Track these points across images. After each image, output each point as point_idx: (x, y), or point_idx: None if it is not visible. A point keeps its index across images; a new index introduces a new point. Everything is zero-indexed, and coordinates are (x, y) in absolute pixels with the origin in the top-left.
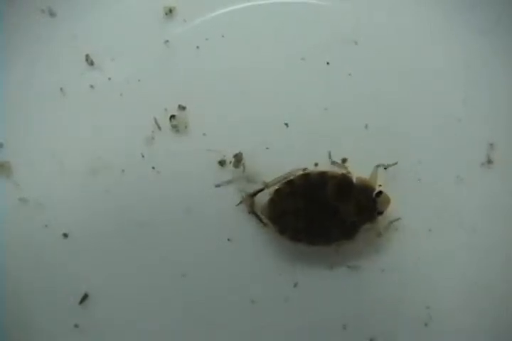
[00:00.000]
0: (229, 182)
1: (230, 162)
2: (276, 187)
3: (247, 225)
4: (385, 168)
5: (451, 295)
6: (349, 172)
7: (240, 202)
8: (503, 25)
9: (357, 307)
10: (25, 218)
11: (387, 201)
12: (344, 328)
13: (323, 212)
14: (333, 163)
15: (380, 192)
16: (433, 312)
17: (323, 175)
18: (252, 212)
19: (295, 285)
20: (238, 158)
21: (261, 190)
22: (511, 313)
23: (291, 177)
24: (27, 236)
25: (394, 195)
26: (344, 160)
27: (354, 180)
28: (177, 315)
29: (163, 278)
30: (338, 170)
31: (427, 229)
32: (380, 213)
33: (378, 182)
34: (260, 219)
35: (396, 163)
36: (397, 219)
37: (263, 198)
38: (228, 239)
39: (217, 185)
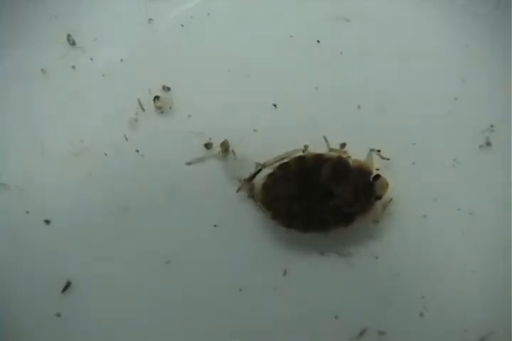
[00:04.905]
0: (200, 160)
1: (216, 145)
2: (270, 171)
3: (233, 211)
4: (382, 158)
5: (447, 284)
6: (349, 157)
7: (239, 189)
8: (501, 8)
9: (349, 296)
10: (5, 204)
11: (386, 185)
12: (336, 318)
13: (318, 197)
14: (332, 150)
15: (378, 176)
16: (428, 302)
17: (318, 157)
18: (252, 196)
19: (284, 273)
20: (225, 146)
21: (258, 172)
22: (509, 302)
23: (286, 160)
24: (8, 222)
25: (387, 178)
26: (343, 145)
27: (351, 162)
28: (162, 303)
29: (146, 266)
30: (334, 153)
31: (422, 215)
32: (379, 198)
33: (374, 166)
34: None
35: (388, 159)
36: (390, 200)
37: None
38: (215, 225)
39: (189, 163)
